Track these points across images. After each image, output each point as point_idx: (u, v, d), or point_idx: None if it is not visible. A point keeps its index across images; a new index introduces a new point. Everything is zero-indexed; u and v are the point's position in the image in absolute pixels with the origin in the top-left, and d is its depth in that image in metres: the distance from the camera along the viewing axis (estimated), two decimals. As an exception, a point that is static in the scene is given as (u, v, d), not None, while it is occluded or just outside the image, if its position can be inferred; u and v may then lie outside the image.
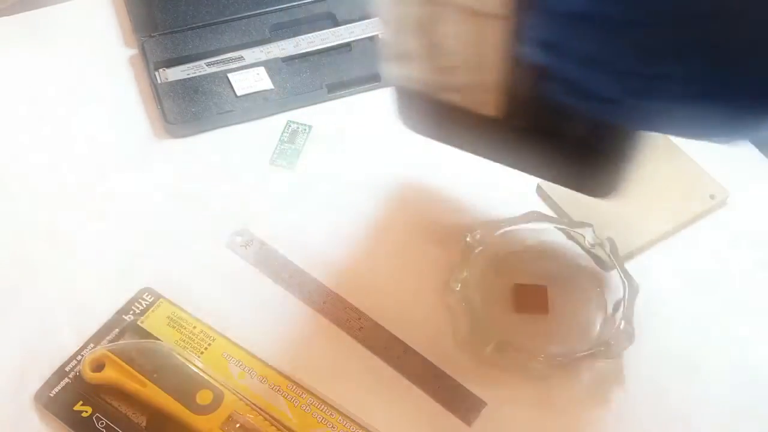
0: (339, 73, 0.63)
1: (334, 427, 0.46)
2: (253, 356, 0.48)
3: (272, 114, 0.62)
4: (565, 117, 0.38)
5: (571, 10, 0.33)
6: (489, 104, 0.42)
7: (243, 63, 0.63)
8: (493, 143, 0.45)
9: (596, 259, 0.52)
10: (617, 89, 0.35)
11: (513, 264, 0.52)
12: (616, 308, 0.49)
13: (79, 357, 0.48)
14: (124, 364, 0.46)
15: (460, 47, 0.40)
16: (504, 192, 0.56)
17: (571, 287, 0.51)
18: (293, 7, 0.67)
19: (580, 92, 0.36)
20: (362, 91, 0.63)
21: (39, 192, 0.57)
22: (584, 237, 0.52)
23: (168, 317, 0.50)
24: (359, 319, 0.51)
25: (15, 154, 0.59)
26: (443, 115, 0.45)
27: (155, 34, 0.65)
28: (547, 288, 0.51)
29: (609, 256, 0.51)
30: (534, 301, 0.50)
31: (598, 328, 0.50)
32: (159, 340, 0.48)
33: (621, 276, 0.50)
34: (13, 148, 0.59)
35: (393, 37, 0.43)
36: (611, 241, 0.51)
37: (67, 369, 0.47)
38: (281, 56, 0.64)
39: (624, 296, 0.49)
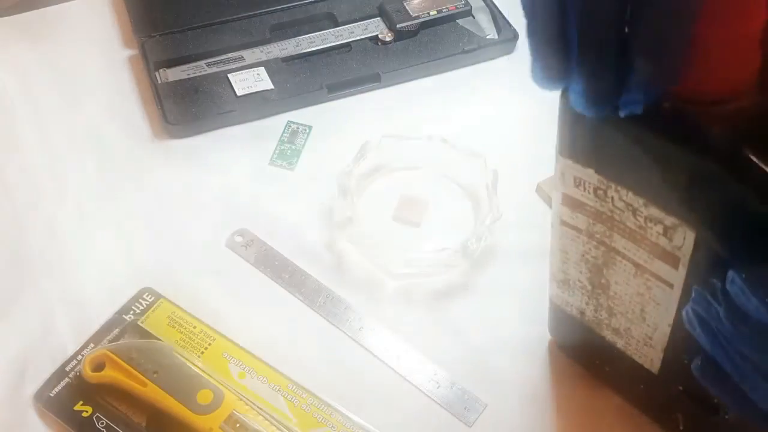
0: (339, 73, 0.63)
1: (334, 427, 0.46)
2: (253, 356, 0.48)
3: (272, 114, 0.62)
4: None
5: (747, 313, 0.30)
6: (646, 358, 0.41)
7: (243, 63, 0.63)
8: (645, 393, 0.44)
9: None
10: None
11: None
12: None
13: (79, 357, 0.47)
14: (124, 363, 0.46)
15: (626, 296, 0.39)
16: (505, 189, 0.55)
17: (449, 208, 0.56)
18: (293, 7, 0.67)
19: (730, 385, 0.33)
20: (362, 91, 0.63)
21: (39, 192, 0.57)
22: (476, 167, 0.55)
23: (168, 317, 0.50)
24: (359, 319, 0.51)
25: (15, 154, 0.59)
26: (599, 350, 0.44)
27: (155, 34, 0.65)
28: (428, 203, 0.55)
29: (488, 185, 0.54)
30: (411, 211, 0.55)
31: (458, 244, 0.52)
32: (159, 340, 0.48)
33: (491, 205, 0.53)
34: (13, 147, 0.59)
35: (560, 264, 0.42)
36: (495, 173, 0.54)
37: (67, 369, 0.47)
38: (281, 56, 0.64)
39: (487, 222, 0.53)
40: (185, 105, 0.61)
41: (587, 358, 0.47)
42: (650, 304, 0.38)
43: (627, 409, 0.46)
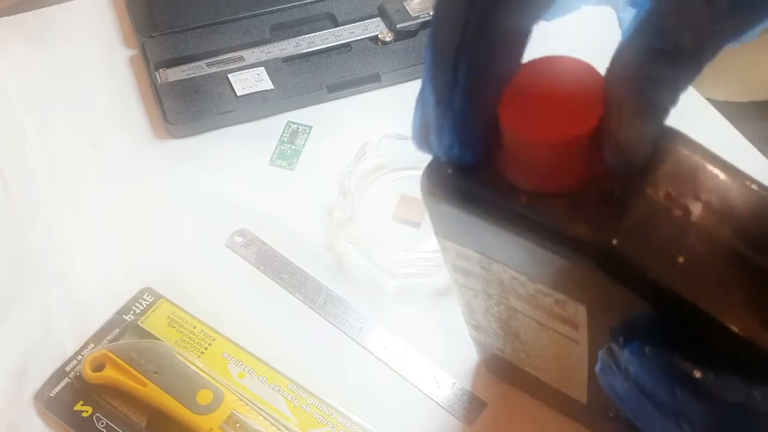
0: (339, 73, 0.63)
1: (334, 427, 0.46)
2: (253, 356, 0.48)
3: (272, 114, 0.62)
4: None
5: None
6: (572, 392, 0.41)
7: (243, 63, 0.63)
8: (581, 416, 0.44)
9: None
10: None
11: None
12: None
13: (79, 357, 0.47)
14: (124, 364, 0.46)
15: (537, 344, 0.38)
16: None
17: None
18: (293, 7, 0.67)
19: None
20: (362, 91, 0.63)
21: (39, 192, 0.57)
22: None
23: (168, 317, 0.50)
24: (359, 319, 0.51)
25: (15, 154, 0.59)
26: (529, 379, 0.43)
27: (155, 34, 0.65)
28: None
29: None
30: (411, 211, 0.55)
31: None
32: (159, 340, 0.48)
33: None
34: (12, 147, 0.59)
35: (468, 313, 0.41)
36: None
37: (67, 369, 0.47)
38: (281, 56, 0.64)
39: None
40: (185, 105, 0.61)
41: (519, 383, 0.47)
42: (562, 354, 0.37)
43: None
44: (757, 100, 0.74)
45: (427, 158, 0.33)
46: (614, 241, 0.27)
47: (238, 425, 0.45)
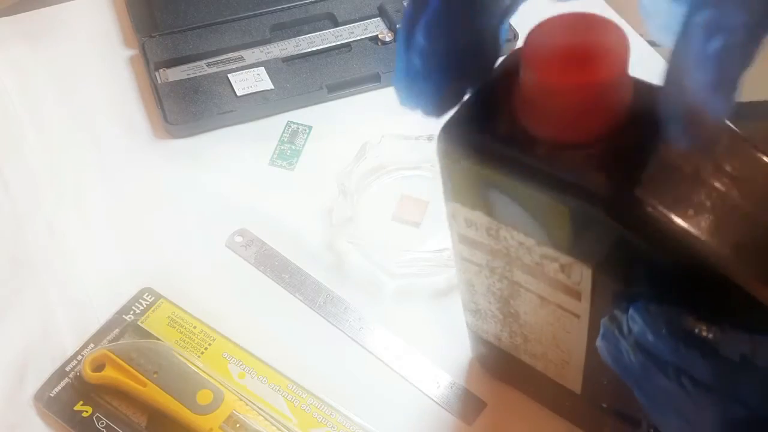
0: (339, 73, 0.63)
1: (334, 427, 0.46)
2: (253, 356, 0.48)
3: (272, 114, 0.62)
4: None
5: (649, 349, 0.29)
6: (566, 380, 0.41)
7: (243, 63, 0.63)
8: (572, 410, 0.44)
9: None
10: None
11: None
12: None
13: (79, 357, 0.48)
14: (124, 364, 0.46)
15: (536, 324, 0.38)
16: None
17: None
18: (293, 7, 0.67)
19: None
20: (362, 91, 0.63)
21: (39, 192, 0.57)
22: None
23: (168, 317, 0.50)
24: (359, 319, 0.51)
25: (15, 154, 0.59)
26: (522, 372, 0.43)
27: (155, 34, 0.65)
28: (428, 203, 0.55)
29: None
30: (411, 211, 0.55)
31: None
32: (159, 340, 0.48)
33: None
34: (13, 148, 0.60)
35: (469, 295, 0.41)
36: None
37: (67, 369, 0.47)
38: (281, 56, 0.64)
39: None
40: (185, 105, 0.61)
41: (511, 378, 0.47)
42: (561, 333, 0.37)
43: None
44: (757, 100, 0.74)
45: (426, 158, 0.33)
46: (628, 192, 0.28)
47: (238, 425, 0.45)
